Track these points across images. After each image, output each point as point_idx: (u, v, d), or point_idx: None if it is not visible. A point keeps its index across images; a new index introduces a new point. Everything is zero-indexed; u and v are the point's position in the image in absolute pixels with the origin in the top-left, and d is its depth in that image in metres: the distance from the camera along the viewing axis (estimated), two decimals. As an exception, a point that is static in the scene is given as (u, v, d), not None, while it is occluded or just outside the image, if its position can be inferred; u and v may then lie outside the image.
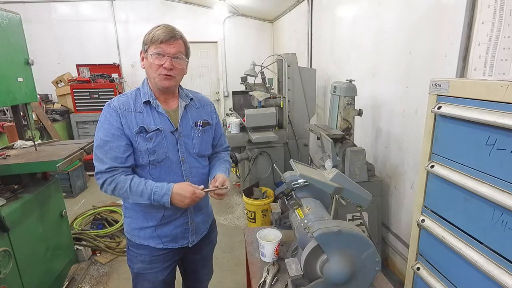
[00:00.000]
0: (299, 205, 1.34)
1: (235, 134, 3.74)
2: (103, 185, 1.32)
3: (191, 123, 1.44)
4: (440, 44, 1.95)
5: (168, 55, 1.28)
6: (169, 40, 1.27)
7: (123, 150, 1.31)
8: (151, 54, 1.28)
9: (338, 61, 3.59)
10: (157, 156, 1.34)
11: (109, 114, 1.32)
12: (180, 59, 1.32)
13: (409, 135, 2.35)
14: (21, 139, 2.55)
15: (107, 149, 1.30)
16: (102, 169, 1.30)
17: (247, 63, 4.07)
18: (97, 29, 5.99)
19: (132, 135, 1.32)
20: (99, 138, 1.31)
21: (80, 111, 5.42)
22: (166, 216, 1.42)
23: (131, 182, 1.29)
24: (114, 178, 1.30)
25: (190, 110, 1.46)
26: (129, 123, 1.32)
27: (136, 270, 1.50)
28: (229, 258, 2.94)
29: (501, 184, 1.00)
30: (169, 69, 1.29)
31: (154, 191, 1.28)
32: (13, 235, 1.92)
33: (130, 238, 1.48)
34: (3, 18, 1.97)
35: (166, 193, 1.28)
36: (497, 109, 0.99)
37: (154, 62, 1.28)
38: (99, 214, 3.57)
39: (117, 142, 1.30)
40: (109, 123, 1.31)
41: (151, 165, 1.36)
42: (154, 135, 1.33)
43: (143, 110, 1.35)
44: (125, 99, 1.36)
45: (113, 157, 1.30)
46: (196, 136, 1.44)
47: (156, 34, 1.27)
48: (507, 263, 0.99)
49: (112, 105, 1.33)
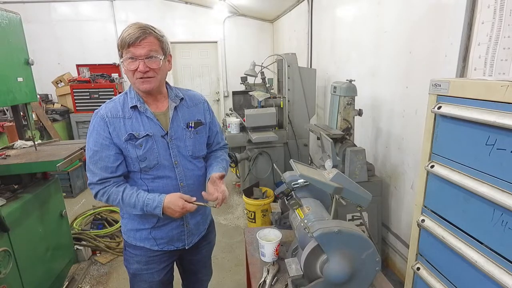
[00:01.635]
0: (299, 205, 1.34)
1: (235, 134, 3.74)
2: (96, 195, 1.32)
3: (182, 125, 1.39)
4: (440, 44, 1.95)
5: (139, 57, 1.21)
6: (136, 41, 1.19)
7: (112, 160, 1.29)
8: (124, 60, 1.23)
9: (338, 61, 3.59)
10: (148, 162, 1.32)
11: (96, 123, 1.29)
12: (154, 58, 1.23)
13: (409, 135, 2.35)
14: (21, 139, 2.55)
15: (96, 159, 1.29)
16: (94, 181, 1.30)
17: (247, 63, 4.07)
18: (97, 29, 6.00)
19: (121, 143, 1.29)
20: (90, 148, 1.30)
21: (80, 111, 5.42)
22: (161, 219, 1.40)
23: (123, 194, 1.29)
24: (106, 190, 1.29)
25: (181, 111, 1.41)
26: (117, 130, 1.29)
27: (133, 270, 1.49)
28: (229, 258, 2.94)
29: (501, 184, 1.00)
30: (145, 71, 1.23)
31: (146, 203, 1.28)
32: (13, 235, 1.92)
33: (126, 239, 1.48)
34: (3, 18, 1.97)
35: (157, 205, 1.28)
36: (497, 109, 0.99)
37: (128, 67, 1.23)
38: (99, 214, 3.57)
39: (106, 152, 1.28)
40: (97, 133, 1.29)
41: (143, 172, 1.34)
42: (144, 141, 1.30)
43: (131, 116, 1.31)
44: (113, 105, 1.32)
45: (103, 167, 1.28)
46: (189, 138, 1.41)
47: (124, 37, 1.20)
48: (507, 263, 0.99)
49: (100, 113, 1.30)
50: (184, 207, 1.28)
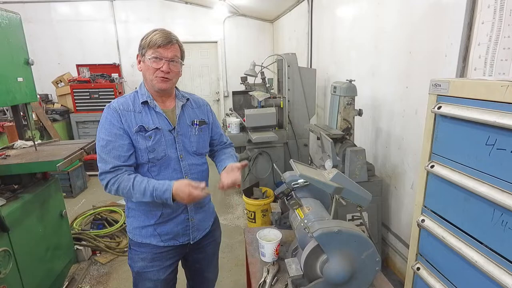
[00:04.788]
0: (299, 205, 1.34)
1: (235, 134, 3.74)
2: (107, 185, 1.34)
3: (188, 122, 1.48)
4: (440, 44, 1.95)
5: (166, 59, 1.33)
6: (166, 44, 1.32)
7: (126, 149, 1.34)
8: (149, 58, 1.32)
9: (338, 61, 3.59)
10: (156, 154, 1.38)
11: (109, 115, 1.36)
12: (176, 63, 1.37)
13: (409, 135, 2.35)
14: (21, 139, 2.55)
15: (109, 149, 1.33)
16: (106, 169, 1.32)
17: (247, 63, 4.07)
18: (97, 29, 6.00)
19: (132, 134, 1.36)
20: (101, 139, 1.34)
21: (80, 111, 5.42)
22: (164, 214, 1.44)
23: (134, 181, 1.32)
24: (118, 178, 1.32)
25: (186, 110, 1.50)
26: (129, 122, 1.36)
27: (137, 269, 1.50)
28: (229, 258, 2.94)
29: (501, 184, 1.00)
30: (167, 72, 1.34)
31: (156, 188, 1.30)
32: (13, 235, 1.92)
33: (132, 237, 1.50)
34: (3, 18, 1.97)
35: (167, 189, 1.29)
36: (497, 109, 0.99)
37: (152, 65, 1.33)
38: (99, 214, 3.57)
39: (119, 141, 1.33)
40: (110, 123, 1.34)
41: (151, 163, 1.39)
42: (153, 134, 1.37)
43: (141, 110, 1.39)
44: (124, 100, 1.41)
45: (116, 155, 1.33)
46: (193, 135, 1.48)
47: (153, 38, 1.31)
48: (507, 263, 0.99)
49: (112, 106, 1.38)
50: (191, 193, 1.30)
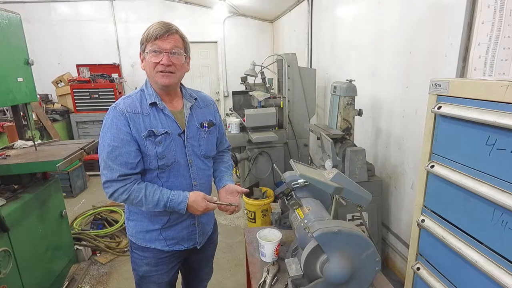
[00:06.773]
0: (299, 205, 1.34)
1: (235, 134, 3.74)
2: (113, 194, 1.27)
3: (196, 125, 1.40)
4: (440, 44, 1.95)
5: (165, 51, 1.23)
6: (163, 35, 1.22)
7: (133, 155, 1.26)
8: (147, 52, 1.24)
9: (338, 61, 3.59)
10: (166, 160, 1.31)
11: (115, 118, 1.26)
12: (178, 55, 1.26)
13: (409, 135, 2.35)
14: (21, 139, 2.55)
15: (116, 155, 1.24)
16: (113, 177, 1.24)
17: (247, 63, 4.07)
18: (97, 29, 6.00)
19: (140, 139, 1.27)
20: (107, 144, 1.25)
21: (80, 111, 5.42)
22: (171, 219, 1.40)
23: (146, 192, 1.27)
24: (127, 188, 1.25)
25: (195, 111, 1.42)
26: (137, 126, 1.27)
27: (142, 273, 1.48)
28: (229, 258, 2.94)
29: (501, 184, 1.00)
30: (167, 65, 1.24)
31: (171, 199, 1.28)
32: (13, 235, 1.92)
33: (135, 241, 1.45)
34: (3, 18, 1.97)
35: (182, 201, 1.28)
36: (497, 109, 0.99)
37: (151, 60, 1.24)
38: (99, 214, 3.57)
39: (127, 148, 1.25)
40: (117, 127, 1.25)
41: (160, 169, 1.32)
42: (163, 139, 1.29)
43: (149, 113, 1.30)
44: (131, 101, 1.30)
45: (123, 163, 1.24)
46: (202, 138, 1.41)
47: (150, 31, 1.23)
48: (507, 263, 0.99)
49: (119, 108, 1.27)
50: (207, 207, 1.31)
